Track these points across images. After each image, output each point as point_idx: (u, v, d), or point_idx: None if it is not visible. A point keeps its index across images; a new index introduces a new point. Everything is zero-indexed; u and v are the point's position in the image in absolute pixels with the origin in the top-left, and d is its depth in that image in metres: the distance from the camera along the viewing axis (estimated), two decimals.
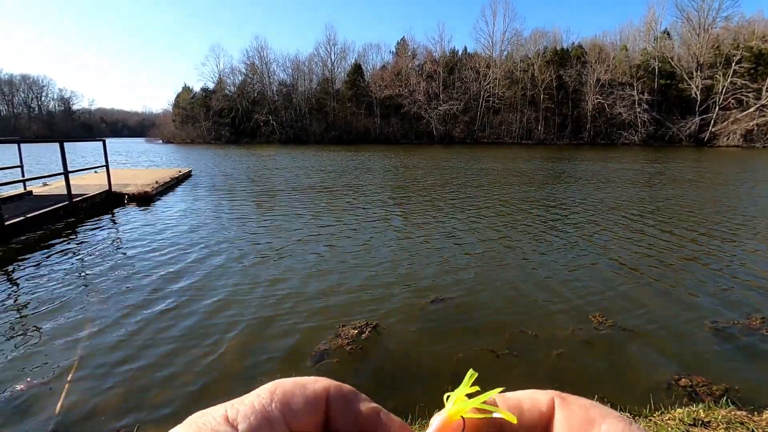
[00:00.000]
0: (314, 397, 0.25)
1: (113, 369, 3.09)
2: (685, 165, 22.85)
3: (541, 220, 8.46)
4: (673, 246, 6.50)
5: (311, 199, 10.83)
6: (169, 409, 2.66)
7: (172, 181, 13.32)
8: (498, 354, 3.32)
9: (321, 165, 21.73)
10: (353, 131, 59.89)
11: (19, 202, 8.56)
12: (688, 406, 2.65)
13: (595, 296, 4.49)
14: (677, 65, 55.04)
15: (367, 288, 4.70)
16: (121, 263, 5.54)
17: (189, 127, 60.78)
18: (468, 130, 59.73)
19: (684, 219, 8.47)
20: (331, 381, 0.27)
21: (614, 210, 9.45)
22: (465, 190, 12.68)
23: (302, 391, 0.25)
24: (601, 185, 13.97)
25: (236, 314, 4.00)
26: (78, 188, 9.91)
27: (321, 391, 0.26)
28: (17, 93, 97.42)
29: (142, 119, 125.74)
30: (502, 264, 5.61)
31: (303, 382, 0.26)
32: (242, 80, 63.44)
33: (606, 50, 58.79)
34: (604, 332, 3.66)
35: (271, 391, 0.25)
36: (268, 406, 0.24)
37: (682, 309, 4.20)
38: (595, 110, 56.86)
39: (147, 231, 7.33)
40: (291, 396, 0.25)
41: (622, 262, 5.65)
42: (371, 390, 2.87)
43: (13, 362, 3.17)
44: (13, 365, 3.13)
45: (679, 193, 12.13)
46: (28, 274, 5.09)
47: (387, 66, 64.29)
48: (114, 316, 3.96)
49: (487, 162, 24.23)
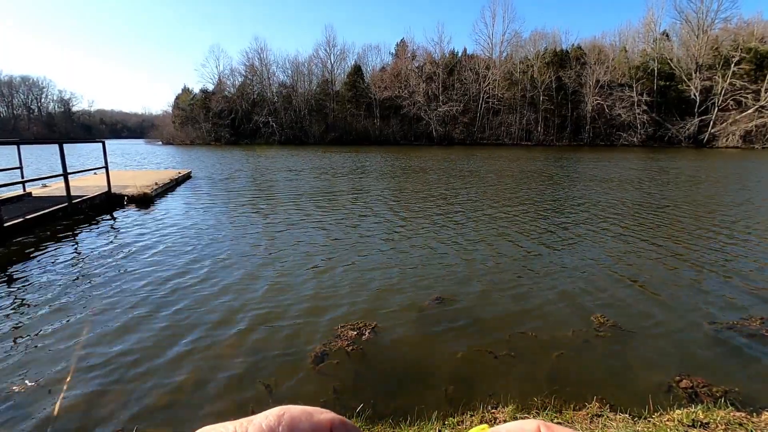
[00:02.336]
0: (319, 427, 0.26)
1: (111, 371, 3.08)
2: (685, 165, 22.88)
3: (542, 220, 8.46)
4: (673, 247, 6.51)
5: (311, 200, 10.83)
6: (168, 412, 2.66)
7: (172, 183, 13.32)
8: (497, 355, 3.32)
9: (321, 166, 21.74)
10: (353, 132, 59.92)
11: (18, 204, 8.55)
12: (687, 407, 2.65)
13: (596, 297, 4.50)
14: (676, 66, 55.16)
15: (366, 289, 4.70)
16: (121, 264, 5.54)
17: (189, 129, 60.78)
18: (468, 131, 59.81)
19: (687, 219, 8.48)
20: (336, 415, 0.28)
21: (614, 210, 9.46)
22: (465, 191, 12.68)
23: (309, 418, 0.26)
24: (603, 185, 13.99)
25: (236, 315, 4.00)
26: (77, 189, 9.91)
27: (326, 422, 0.27)
28: (17, 94, 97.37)
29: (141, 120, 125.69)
30: (502, 265, 5.61)
31: (310, 411, 0.27)
32: (242, 81, 63.46)
33: (605, 51, 58.90)
34: (605, 333, 3.66)
35: (278, 415, 0.26)
36: (275, 428, 0.25)
37: (682, 310, 4.21)
38: (595, 111, 56.95)
39: (146, 232, 7.33)
40: (298, 422, 0.26)
41: (624, 263, 5.66)
42: (371, 392, 2.87)
43: (10, 363, 3.16)
44: (10, 366, 3.12)
45: (680, 194, 12.15)
46: (28, 275, 5.09)
47: (386, 67, 64.35)
48: (113, 317, 3.95)
49: (488, 163, 24.26)
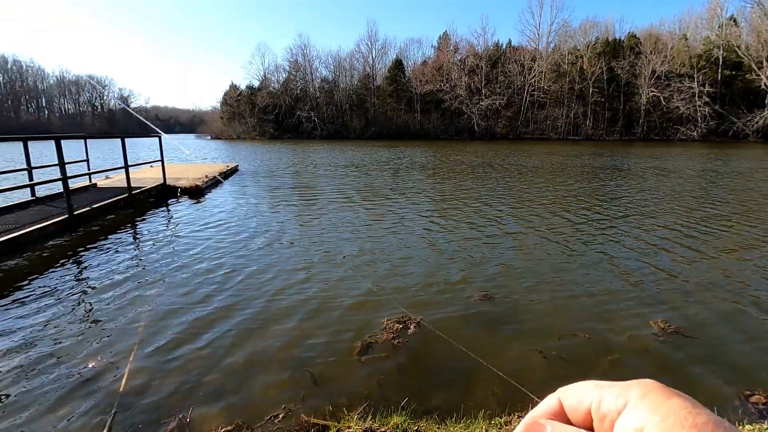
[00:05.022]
0: None
1: (172, 352, 3.26)
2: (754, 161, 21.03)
3: (598, 218, 8.07)
4: (745, 249, 6.00)
5: (356, 193, 10.94)
6: (221, 393, 2.77)
7: (221, 175, 13.89)
8: (546, 355, 3.20)
9: (363, 160, 21.91)
10: (393, 127, 59.93)
11: (85, 194, 9.23)
12: (758, 423, 2.44)
13: (656, 301, 4.23)
14: (745, 54, 50.68)
15: (414, 283, 4.68)
16: (178, 251, 5.85)
17: (235, 124, 63.24)
18: (510, 125, 58.16)
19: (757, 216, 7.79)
20: None
21: (675, 207, 8.85)
22: (514, 187, 12.34)
23: None
24: (663, 179, 13.14)
25: (286, 304, 4.11)
26: (136, 181, 10.56)
27: None
28: (83, 92, 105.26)
29: (192, 116, 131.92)
30: (555, 264, 5.40)
31: None
32: (286, 77, 65.13)
33: (663, 40, 55.17)
34: (665, 340, 3.44)
35: None
36: None
37: (755, 320, 3.87)
38: (650, 104, 53.64)
39: (200, 221, 7.69)
40: None
41: (689, 264, 5.28)
42: (416, 386, 2.86)
43: (81, 341, 3.42)
44: (81, 344, 3.37)
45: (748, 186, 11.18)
46: (94, 260, 5.48)
47: (428, 61, 63.69)
48: (172, 300, 4.18)
49: (535, 158, 23.47)
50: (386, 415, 2.50)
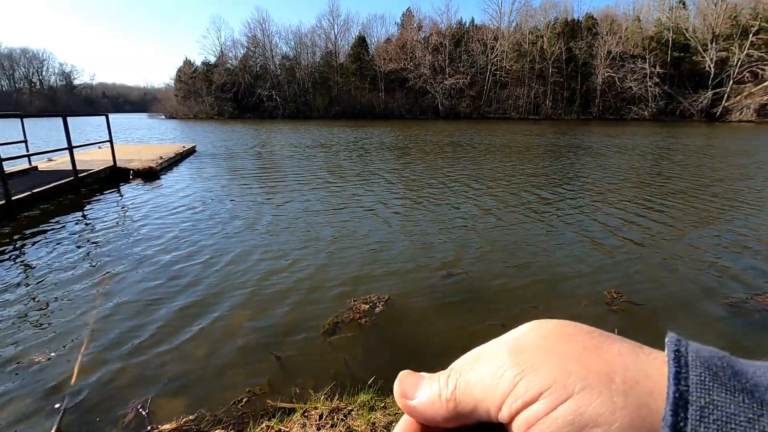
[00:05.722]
0: None
1: (125, 341, 3.10)
2: (696, 138, 22.38)
3: (554, 194, 8.33)
4: (688, 219, 6.39)
5: (317, 175, 10.73)
6: (181, 382, 2.67)
7: (177, 157, 13.22)
8: (509, 328, 3.29)
9: (330, 141, 21.49)
10: (357, 106, 59.03)
11: (24, 177, 8.53)
12: None
13: (610, 272, 4.44)
14: (692, 37, 53.29)
15: (378, 262, 4.67)
16: (129, 237, 5.54)
17: (191, 102, 60.11)
18: (474, 104, 58.72)
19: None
20: None
21: (628, 183, 9.28)
22: (474, 166, 12.50)
23: None
24: (615, 157, 13.73)
25: (246, 287, 3.99)
26: (83, 164, 9.86)
27: None
28: (18, 67, 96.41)
29: (144, 94, 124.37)
30: (514, 240, 5.55)
31: None
32: (244, 54, 62.24)
33: (618, 21, 56.96)
34: (618, 308, 3.62)
35: None
36: None
37: (698, 285, 4.14)
38: (605, 84, 55.59)
39: (153, 205, 7.31)
40: None
41: (639, 238, 5.57)
42: (383, 364, 2.87)
43: (27, 334, 3.19)
44: (27, 337, 3.15)
45: (693, 162, 11.91)
46: (37, 249, 5.10)
47: (392, 38, 62.72)
48: (124, 289, 3.96)
49: (501, 137, 23.86)
50: (353, 393, 2.50)
